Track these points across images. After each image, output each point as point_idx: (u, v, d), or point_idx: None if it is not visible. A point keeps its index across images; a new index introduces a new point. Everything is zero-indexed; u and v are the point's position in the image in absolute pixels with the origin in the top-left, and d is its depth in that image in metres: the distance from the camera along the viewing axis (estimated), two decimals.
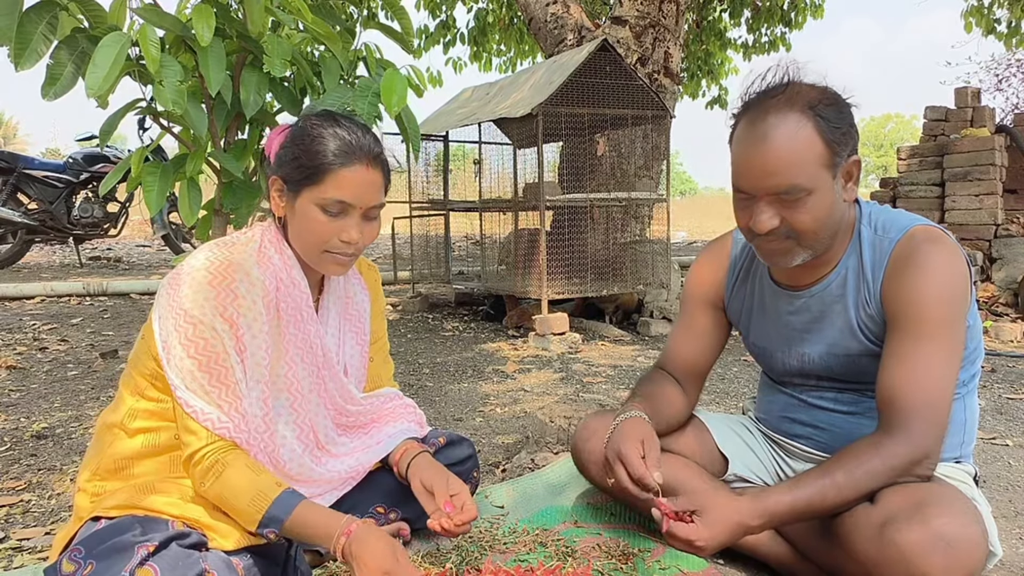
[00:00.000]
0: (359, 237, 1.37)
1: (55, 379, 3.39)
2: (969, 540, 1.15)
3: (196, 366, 1.27)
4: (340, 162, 1.34)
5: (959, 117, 6.31)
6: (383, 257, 10.15)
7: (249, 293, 1.33)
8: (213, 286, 1.30)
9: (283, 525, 1.24)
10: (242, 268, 1.34)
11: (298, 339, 1.44)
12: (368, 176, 1.36)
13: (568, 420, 2.66)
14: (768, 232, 1.33)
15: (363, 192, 1.36)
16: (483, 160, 6.08)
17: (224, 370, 1.29)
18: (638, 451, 1.37)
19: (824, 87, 1.34)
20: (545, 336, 4.29)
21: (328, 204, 1.34)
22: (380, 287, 1.68)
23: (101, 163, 7.65)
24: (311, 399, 1.48)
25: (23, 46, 1.58)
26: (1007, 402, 3.07)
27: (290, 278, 1.41)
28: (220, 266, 1.32)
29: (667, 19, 5.72)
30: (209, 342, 1.28)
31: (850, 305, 1.43)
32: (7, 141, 27.32)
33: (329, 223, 1.35)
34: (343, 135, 1.36)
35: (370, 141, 1.38)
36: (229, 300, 1.30)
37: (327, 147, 1.34)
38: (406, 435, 1.61)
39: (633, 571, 1.49)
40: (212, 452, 1.27)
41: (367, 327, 1.62)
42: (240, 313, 1.31)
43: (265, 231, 1.44)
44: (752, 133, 1.31)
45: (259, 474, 1.28)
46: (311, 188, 1.34)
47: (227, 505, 1.27)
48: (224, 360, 1.29)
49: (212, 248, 1.35)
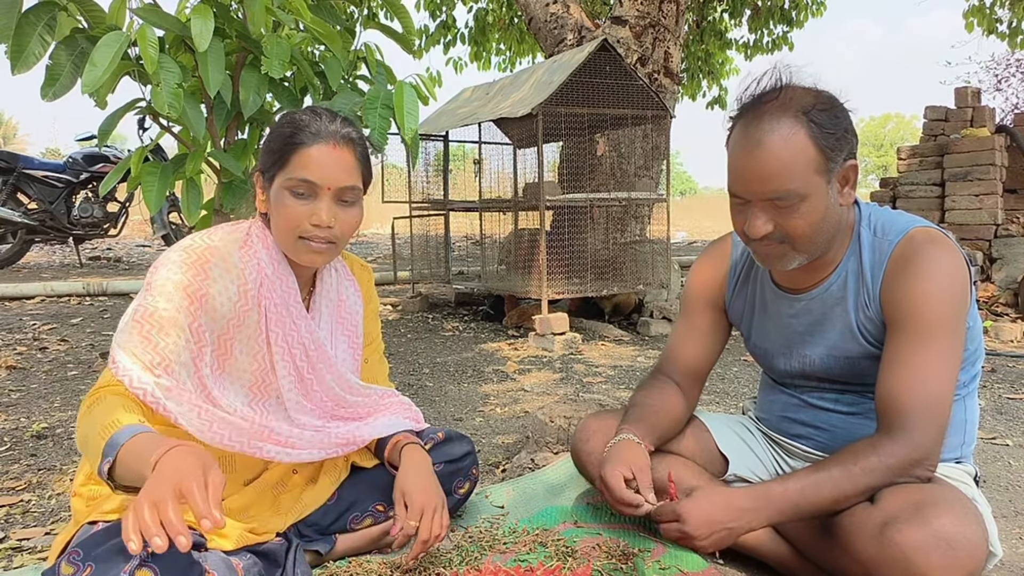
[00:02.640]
0: (330, 220, 1.35)
1: (55, 379, 3.39)
2: (969, 540, 1.15)
3: (138, 329, 1.26)
4: (305, 141, 1.34)
5: (959, 117, 6.31)
6: (383, 257, 10.14)
7: (222, 277, 1.34)
8: (186, 264, 1.31)
9: (119, 449, 1.12)
10: (219, 252, 1.35)
11: (280, 338, 1.41)
12: (335, 154, 1.35)
13: (568, 420, 2.66)
14: (762, 237, 1.34)
15: (330, 171, 1.34)
16: (483, 160, 6.08)
17: (163, 337, 1.26)
18: (620, 477, 1.42)
19: (819, 91, 1.34)
20: (545, 336, 4.29)
21: (295, 184, 1.33)
22: (374, 288, 1.67)
23: (101, 163, 7.65)
24: (291, 398, 1.45)
25: (20, 48, 1.58)
26: (1007, 402, 3.07)
27: (276, 273, 1.40)
28: (197, 247, 1.34)
29: (667, 19, 5.72)
30: (158, 310, 1.27)
31: (850, 307, 1.43)
32: (7, 141, 27.34)
33: (298, 205, 1.34)
34: (310, 119, 1.36)
35: (339, 123, 1.38)
36: (199, 279, 1.31)
37: (293, 128, 1.35)
38: (403, 427, 1.61)
39: (633, 571, 1.49)
40: (103, 390, 1.25)
41: (360, 330, 1.60)
42: (207, 293, 1.31)
43: (254, 225, 1.44)
44: (746, 139, 1.32)
45: (127, 410, 1.21)
46: (281, 172, 1.35)
47: (84, 437, 1.21)
48: (166, 329, 1.27)
49: (197, 235, 1.38)
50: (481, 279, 5.66)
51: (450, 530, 1.69)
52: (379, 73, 2.16)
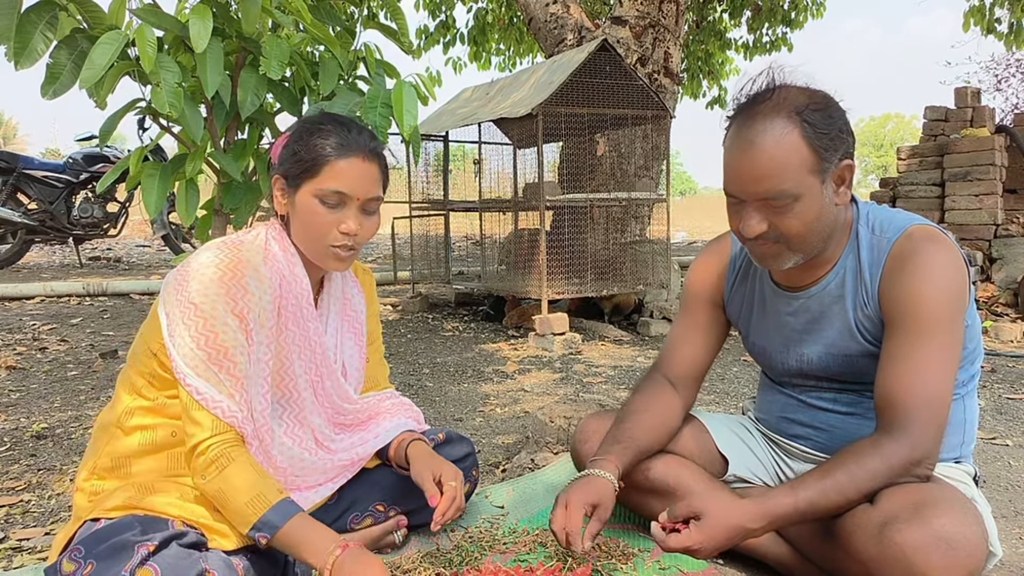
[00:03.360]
0: (358, 229, 1.40)
1: (55, 379, 3.39)
2: (969, 540, 1.15)
3: (207, 357, 1.28)
4: (337, 154, 1.37)
5: (959, 117, 6.31)
6: (383, 257, 10.14)
7: (258, 290, 1.34)
8: (224, 282, 1.30)
9: (278, 531, 1.24)
10: (251, 265, 1.35)
11: (297, 336, 1.45)
12: (364, 168, 1.39)
13: (568, 420, 2.66)
14: (757, 236, 1.34)
15: (360, 183, 1.38)
16: (483, 160, 6.08)
17: (233, 364, 1.30)
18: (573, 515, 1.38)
19: (813, 91, 1.34)
20: (545, 336, 4.29)
21: (326, 195, 1.37)
22: (375, 290, 1.70)
23: (101, 163, 7.65)
24: (306, 396, 1.49)
25: (22, 46, 1.59)
26: (1007, 402, 3.07)
27: (292, 274, 1.43)
28: (230, 263, 1.33)
29: (667, 19, 5.72)
30: (219, 336, 1.29)
31: (848, 306, 1.43)
32: (7, 141, 27.33)
33: (328, 214, 1.38)
34: (340, 131, 1.40)
35: (366, 137, 1.42)
36: (240, 295, 1.31)
37: (325, 140, 1.38)
38: (403, 428, 1.63)
39: (633, 571, 1.49)
40: (217, 444, 1.27)
41: (364, 328, 1.63)
42: (250, 308, 1.32)
43: (269, 229, 1.46)
44: (739, 139, 1.32)
45: (263, 477, 1.29)
46: (310, 181, 1.37)
47: (224, 501, 1.26)
48: (233, 355, 1.30)
49: (220, 246, 1.36)
50: (481, 279, 5.66)
51: (450, 530, 1.70)
52: (378, 73, 2.16)
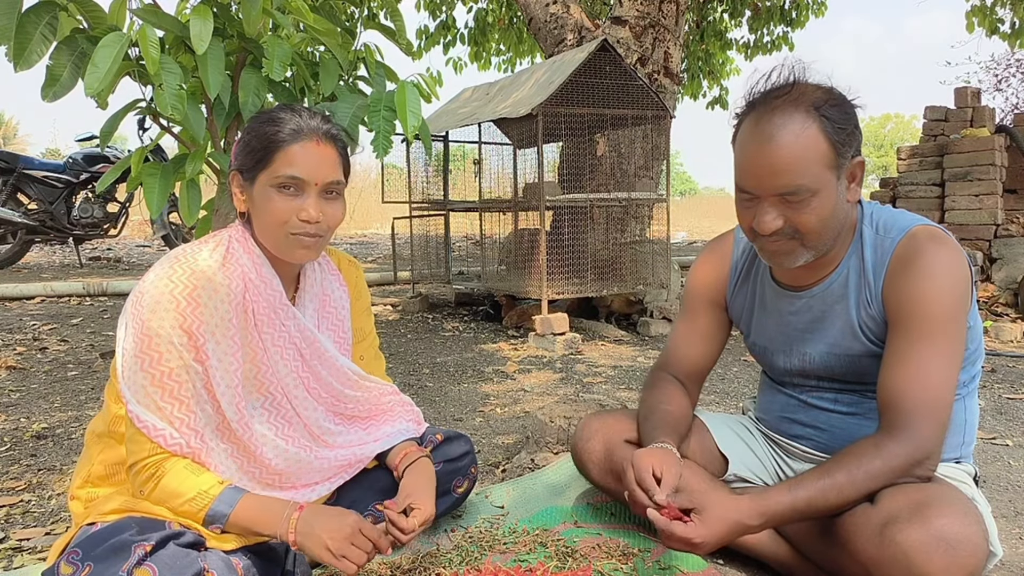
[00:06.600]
0: (318, 216, 1.35)
1: (55, 379, 3.39)
2: (969, 540, 1.15)
3: (149, 380, 1.26)
4: (290, 139, 1.34)
5: (959, 117, 6.31)
6: (383, 257, 10.14)
7: (212, 301, 1.31)
8: (174, 296, 1.28)
9: (228, 518, 1.26)
10: (204, 276, 1.32)
11: (276, 337, 1.42)
12: (319, 151, 1.36)
13: (568, 420, 2.65)
14: (772, 233, 1.33)
15: (315, 167, 1.35)
16: (483, 160, 6.08)
17: (177, 385, 1.27)
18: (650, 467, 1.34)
19: (830, 87, 1.34)
20: (545, 336, 4.29)
21: (282, 182, 1.33)
22: (363, 283, 1.66)
23: (101, 163, 7.64)
24: (296, 394, 1.46)
25: (22, 46, 1.59)
26: (1007, 402, 3.07)
27: (260, 277, 1.40)
28: (182, 275, 1.30)
29: (667, 19, 5.72)
30: (163, 356, 1.26)
31: (851, 305, 1.43)
32: (7, 141, 27.30)
33: (286, 202, 1.34)
34: (291, 117, 1.37)
35: (319, 120, 1.39)
36: (190, 310, 1.28)
37: (275, 127, 1.35)
38: (405, 435, 1.61)
39: (633, 571, 1.49)
40: (152, 463, 1.27)
41: (347, 324, 1.59)
42: (202, 322, 1.29)
43: (233, 232, 1.42)
44: (757, 133, 1.31)
45: (199, 475, 1.28)
46: (264, 171, 1.34)
47: (172, 507, 1.26)
48: (178, 374, 1.27)
49: (172, 260, 1.33)
50: (481, 279, 5.66)
51: (450, 530, 1.70)
52: (378, 74, 2.17)
